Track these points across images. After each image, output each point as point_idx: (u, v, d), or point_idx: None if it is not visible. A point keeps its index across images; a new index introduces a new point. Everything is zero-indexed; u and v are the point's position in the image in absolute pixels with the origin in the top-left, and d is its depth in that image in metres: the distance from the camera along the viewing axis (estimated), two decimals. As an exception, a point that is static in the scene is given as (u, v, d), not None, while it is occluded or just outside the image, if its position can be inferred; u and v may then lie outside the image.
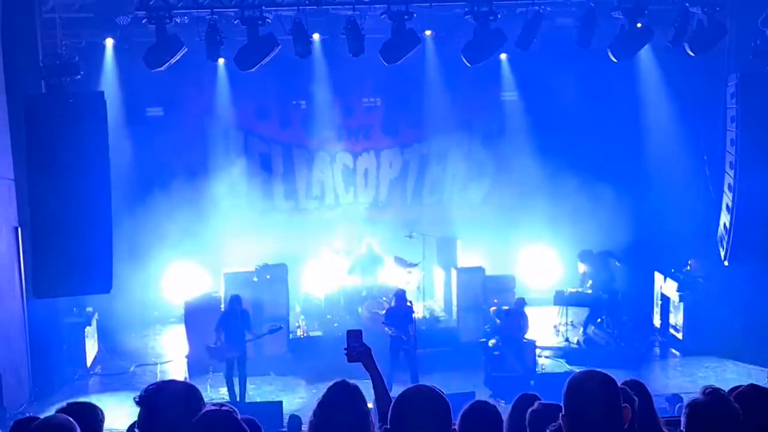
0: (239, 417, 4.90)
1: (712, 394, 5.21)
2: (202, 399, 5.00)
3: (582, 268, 20.87)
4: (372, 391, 6.03)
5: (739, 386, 5.79)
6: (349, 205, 24.04)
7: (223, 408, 4.84)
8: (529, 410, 5.92)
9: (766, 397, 5.59)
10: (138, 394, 4.88)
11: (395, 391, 5.73)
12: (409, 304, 17.82)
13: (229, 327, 16.84)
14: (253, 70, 17.99)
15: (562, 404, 4.58)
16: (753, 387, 5.71)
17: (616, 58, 18.75)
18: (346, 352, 6.27)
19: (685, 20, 18.42)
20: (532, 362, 18.10)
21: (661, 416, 6.09)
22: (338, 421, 5.26)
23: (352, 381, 5.45)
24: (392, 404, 4.62)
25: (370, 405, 5.52)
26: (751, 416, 5.27)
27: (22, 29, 16.78)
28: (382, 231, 22.60)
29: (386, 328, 17.14)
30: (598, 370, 4.62)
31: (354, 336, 6.32)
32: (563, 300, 20.58)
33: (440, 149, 23.91)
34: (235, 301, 17.08)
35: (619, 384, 4.68)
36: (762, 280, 19.40)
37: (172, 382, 5.21)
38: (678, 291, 19.85)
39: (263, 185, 23.62)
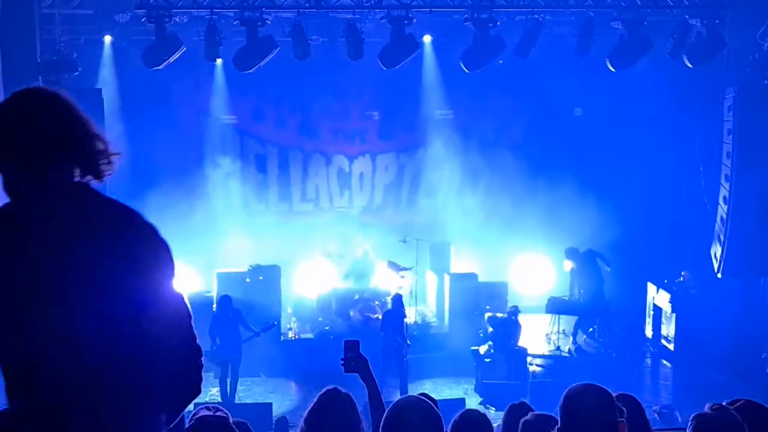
0: (232, 421, 4.89)
1: (720, 409, 5.21)
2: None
3: (568, 266, 20.86)
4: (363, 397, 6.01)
5: (737, 401, 5.80)
6: (344, 209, 24.00)
7: (217, 414, 4.81)
8: (522, 420, 5.90)
9: (762, 411, 5.60)
10: None
11: (384, 396, 5.71)
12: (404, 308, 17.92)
13: (223, 329, 16.80)
14: (251, 71, 18.00)
15: (556, 416, 4.58)
16: (748, 402, 5.72)
17: (614, 67, 18.81)
18: (342, 362, 6.22)
19: (685, 32, 18.50)
20: (523, 370, 18.08)
21: (653, 428, 6.08)
22: (329, 428, 5.25)
23: (343, 389, 5.43)
24: (384, 416, 4.61)
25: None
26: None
27: (20, 25, 16.75)
28: (376, 235, 22.57)
29: (382, 333, 17.19)
30: (594, 383, 4.61)
31: (351, 346, 6.26)
32: (555, 308, 20.56)
33: (436, 155, 23.87)
34: (225, 301, 17.05)
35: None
36: (754, 293, 19.44)
37: None
38: (670, 302, 19.84)
39: (258, 186, 23.58)
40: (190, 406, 4.88)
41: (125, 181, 20.38)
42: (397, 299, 17.77)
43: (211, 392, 17.17)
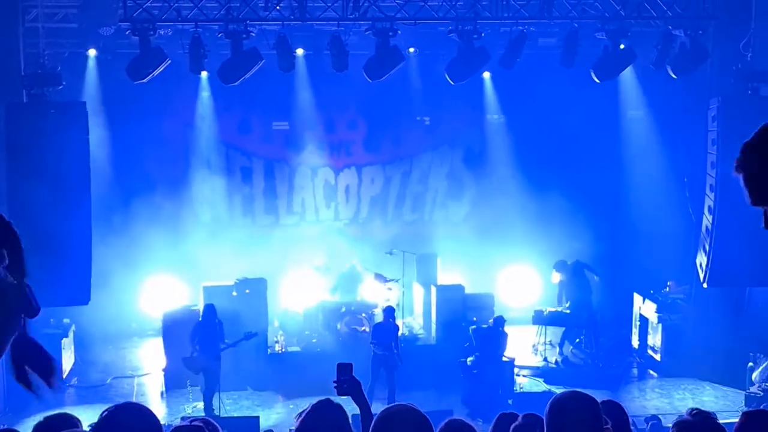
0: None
1: (699, 414, 5.24)
2: (159, 422, 4.91)
3: (557, 278, 20.89)
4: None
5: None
6: (330, 221, 23.99)
7: (193, 423, 4.78)
8: (513, 425, 5.88)
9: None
10: (92, 423, 4.73)
11: (374, 408, 5.70)
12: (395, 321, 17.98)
13: (204, 337, 16.83)
14: (236, 83, 17.98)
15: (544, 422, 4.58)
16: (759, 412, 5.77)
17: (598, 78, 18.82)
18: (335, 385, 6.23)
19: (668, 42, 18.54)
20: (510, 381, 18.08)
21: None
22: None
23: (336, 400, 5.42)
24: (373, 423, 4.60)
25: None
26: None
27: (4, 38, 16.70)
28: (362, 248, 22.56)
29: (371, 345, 17.19)
30: (580, 390, 4.62)
31: (344, 369, 6.27)
32: (542, 319, 20.57)
33: (422, 167, 23.92)
34: (209, 310, 17.08)
35: (596, 404, 4.69)
36: (740, 303, 19.46)
37: (127, 406, 5.08)
38: (657, 312, 19.89)
39: (244, 199, 23.58)
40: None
41: (112, 194, 20.43)
42: (388, 311, 17.77)
43: (196, 406, 17.15)
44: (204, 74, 20.05)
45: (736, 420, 5.69)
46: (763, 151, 3.04)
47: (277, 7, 17.68)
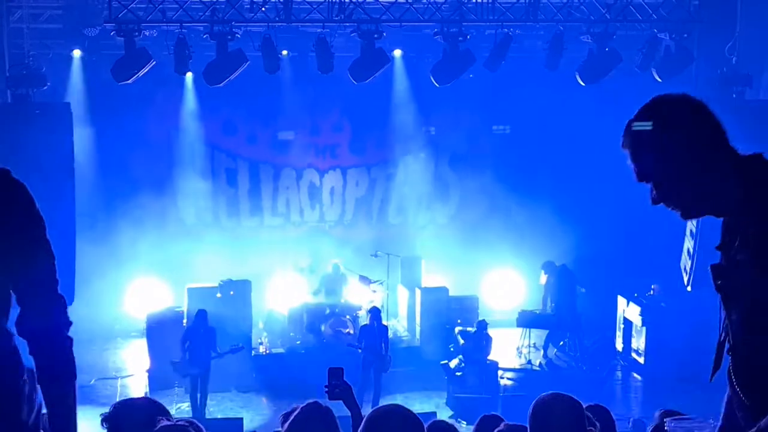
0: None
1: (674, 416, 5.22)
2: (169, 414, 4.92)
3: (544, 279, 20.90)
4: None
5: None
6: (315, 223, 23.94)
7: (178, 423, 4.76)
8: (496, 430, 5.87)
9: None
10: (104, 412, 4.76)
11: (362, 410, 5.69)
12: (384, 323, 17.92)
13: (194, 342, 16.74)
14: (221, 85, 17.97)
15: (527, 425, 4.58)
16: None
17: (584, 81, 18.90)
18: (326, 390, 6.23)
19: (653, 46, 18.63)
20: (494, 383, 18.07)
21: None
22: None
23: (324, 403, 5.42)
24: (363, 423, 4.58)
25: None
26: None
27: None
28: (347, 249, 22.52)
29: (358, 349, 17.14)
30: (564, 392, 4.62)
31: (335, 373, 6.27)
32: (526, 321, 20.57)
33: (407, 169, 23.88)
34: (201, 316, 16.98)
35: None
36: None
37: (139, 399, 5.10)
38: (641, 315, 19.89)
39: (228, 201, 23.51)
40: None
41: (95, 195, 20.37)
42: (375, 312, 17.72)
43: (181, 407, 17.10)
44: (189, 75, 20.02)
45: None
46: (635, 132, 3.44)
47: (263, 9, 17.68)
